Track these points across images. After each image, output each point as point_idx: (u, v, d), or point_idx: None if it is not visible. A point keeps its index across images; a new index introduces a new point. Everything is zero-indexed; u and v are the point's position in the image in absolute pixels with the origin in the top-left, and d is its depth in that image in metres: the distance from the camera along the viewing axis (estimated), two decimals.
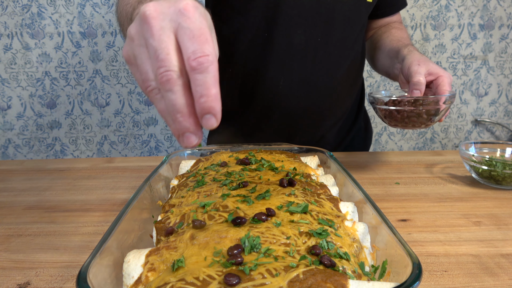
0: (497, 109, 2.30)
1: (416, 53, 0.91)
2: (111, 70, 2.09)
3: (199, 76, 0.38)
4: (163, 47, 0.39)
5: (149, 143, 2.22)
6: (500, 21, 2.17)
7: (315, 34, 0.97)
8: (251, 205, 0.53)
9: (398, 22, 1.17)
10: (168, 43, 0.39)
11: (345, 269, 0.42)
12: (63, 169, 1.00)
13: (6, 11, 1.99)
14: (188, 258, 0.43)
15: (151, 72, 0.40)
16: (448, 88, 0.84)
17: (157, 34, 0.39)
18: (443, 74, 0.84)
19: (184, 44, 0.39)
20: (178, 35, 0.39)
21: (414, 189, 0.85)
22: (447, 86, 0.83)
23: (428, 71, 0.84)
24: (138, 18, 0.41)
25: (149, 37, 0.39)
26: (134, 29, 0.41)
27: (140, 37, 0.40)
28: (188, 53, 0.38)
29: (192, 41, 0.38)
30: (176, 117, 0.39)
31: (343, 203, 0.59)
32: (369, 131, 1.27)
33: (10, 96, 2.10)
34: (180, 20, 0.39)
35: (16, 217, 0.74)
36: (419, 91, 0.82)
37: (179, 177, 0.71)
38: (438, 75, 0.84)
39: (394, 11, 1.16)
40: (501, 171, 0.82)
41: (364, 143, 1.25)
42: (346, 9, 0.98)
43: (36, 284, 0.53)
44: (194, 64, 0.38)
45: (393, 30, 1.10)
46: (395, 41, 1.03)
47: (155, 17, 0.39)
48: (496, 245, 0.62)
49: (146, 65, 0.40)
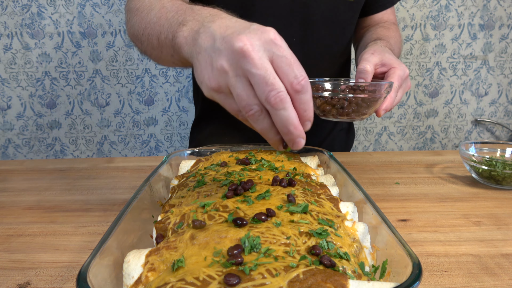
0: (497, 109, 2.30)
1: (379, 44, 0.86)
2: (111, 70, 2.09)
3: (302, 96, 0.46)
4: (269, 74, 0.45)
5: (149, 143, 2.22)
6: (500, 21, 2.17)
7: (290, 34, 0.94)
8: (251, 205, 0.53)
9: (390, 23, 1.13)
10: (271, 70, 0.45)
11: (345, 269, 0.42)
12: (63, 169, 1.00)
13: (6, 11, 1.99)
14: (188, 258, 0.43)
15: (253, 97, 0.46)
16: (397, 80, 0.75)
17: (259, 63, 0.45)
18: (396, 66, 0.78)
19: (283, 70, 0.46)
20: (274, 63, 0.46)
21: (414, 189, 0.85)
22: (395, 78, 0.76)
23: (381, 61, 0.78)
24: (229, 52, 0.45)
25: (251, 68, 0.44)
26: (227, 62, 0.46)
27: (236, 68, 0.46)
28: (290, 78, 0.45)
29: (291, 68, 0.46)
30: (289, 129, 0.46)
31: (343, 203, 0.59)
32: (351, 132, 1.25)
33: (10, 96, 2.10)
34: (274, 50, 0.46)
35: (16, 217, 0.74)
36: (363, 80, 0.76)
37: (179, 177, 0.71)
38: (391, 66, 0.78)
39: (381, 8, 1.11)
40: (501, 171, 0.82)
41: (345, 145, 1.23)
42: (323, 8, 0.96)
43: (36, 284, 0.53)
44: (299, 88, 0.46)
45: (379, 29, 1.06)
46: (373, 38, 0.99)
47: (253, 50, 0.45)
48: (496, 245, 0.62)
49: (247, 91, 0.46)
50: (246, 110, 0.47)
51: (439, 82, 2.24)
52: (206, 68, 0.48)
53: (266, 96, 0.45)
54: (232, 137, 1.08)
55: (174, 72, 2.12)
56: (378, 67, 0.79)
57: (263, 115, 0.47)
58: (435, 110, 2.29)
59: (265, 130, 0.49)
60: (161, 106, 2.16)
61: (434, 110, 2.29)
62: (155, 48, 0.66)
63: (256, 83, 0.45)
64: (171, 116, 2.18)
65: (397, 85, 0.77)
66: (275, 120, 0.47)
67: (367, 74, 0.76)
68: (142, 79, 2.12)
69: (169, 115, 2.18)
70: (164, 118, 2.18)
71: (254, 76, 0.45)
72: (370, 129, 2.30)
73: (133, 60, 2.08)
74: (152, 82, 2.12)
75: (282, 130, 0.47)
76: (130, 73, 2.10)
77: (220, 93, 0.49)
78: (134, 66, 2.09)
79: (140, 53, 0.77)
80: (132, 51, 2.07)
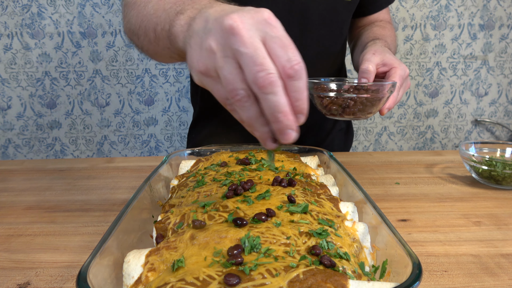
0: (497, 109, 2.30)
1: (378, 44, 0.87)
2: (111, 70, 2.09)
3: (296, 82, 0.41)
4: (258, 53, 0.40)
5: (149, 143, 2.22)
6: (500, 21, 2.17)
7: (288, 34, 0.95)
8: (251, 205, 0.53)
9: (385, 21, 1.14)
10: (262, 49, 0.41)
11: (345, 269, 0.42)
12: (63, 169, 1.00)
13: (6, 11, 1.99)
14: (188, 258, 0.43)
15: (240, 81, 0.41)
16: (398, 79, 0.78)
17: (249, 41, 0.40)
18: (397, 65, 0.79)
19: (275, 52, 0.41)
20: (267, 43, 0.41)
21: (414, 189, 0.85)
22: (397, 77, 0.78)
23: (382, 61, 0.80)
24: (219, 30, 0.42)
25: (239, 46, 0.40)
26: (215, 42, 0.42)
27: (225, 48, 0.41)
28: (283, 61, 0.41)
29: (284, 50, 0.41)
30: (277, 116, 0.41)
31: (343, 203, 0.59)
32: (350, 133, 1.25)
33: (10, 96, 2.10)
34: (267, 30, 0.41)
35: (16, 217, 0.74)
36: (366, 79, 0.77)
37: (179, 177, 0.71)
38: (392, 66, 0.80)
39: (377, 8, 1.12)
40: (501, 171, 0.82)
41: (344, 145, 1.23)
42: (321, 8, 0.96)
43: (36, 284, 0.53)
44: (291, 72, 0.41)
45: (375, 28, 1.07)
46: (371, 37, 0.99)
47: (243, 28, 0.40)
48: (496, 245, 0.62)
49: (234, 74, 0.42)
50: (232, 95, 0.42)
51: (439, 82, 2.24)
52: (195, 51, 0.45)
53: (254, 77, 0.40)
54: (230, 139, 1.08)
55: (174, 72, 2.12)
56: (379, 67, 0.80)
57: (250, 101, 0.43)
58: (435, 110, 2.29)
59: (252, 119, 0.44)
60: (161, 106, 2.16)
61: (434, 110, 2.29)
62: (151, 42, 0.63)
63: (244, 63, 0.41)
64: (171, 116, 2.18)
65: (399, 84, 0.78)
66: (264, 106, 0.42)
67: (370, 74, 0.77)
68: (142, 79, 2.12)
69: (169, 115, 2.18)
70: (164, 118, 2.18)
71: (242, 55, 0.40)
72: (370, 129, 2.30)
73: (133, 60, 2.08)
74: (152, 82, 2.12)
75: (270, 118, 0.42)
76: (130, 73, 2.10)
77: (208, 77, 0.44)
78: (134, 66, 2.09)
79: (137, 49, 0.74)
80: (132, 51, 2.07)
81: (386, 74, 0.81)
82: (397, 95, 0.79)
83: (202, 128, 1.16)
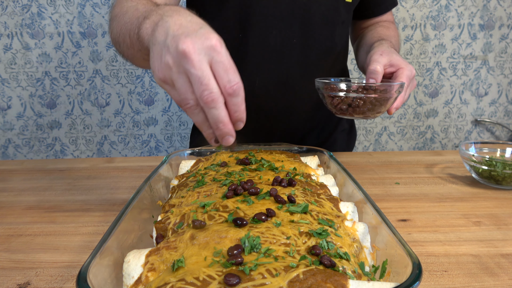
0: (497, 109, 2.30)
1: (385, 45, 0.89)
2: (111, 70, 2.09)
3: (234, 99, 0.52)
4: (204, 75, 0.50)
5: (149, 143, 2.22)
6: (500, 21, 2.17)
7: (290, 35, 0.96)
8: (251, 205, 0.53)
9: (389, 22, 1.14)
10: (208, 72, 0.51)
11: (345, 269, 0.42)
12: (63, 169, 1.00)
13: (6, 11, 1.99)
14: (188, 258, 0.43)
15: (190, 93, 0.52)
16: (405, 80, 0.79)
17: (198, 65, 0.50)
18: (404, 66, 0.81)
19: (219, 74, 0.51)
20: (213, 66, 0.51)
21: (414, 189, 0.85)
22: (404, 78, 0.80)
23: (389, 62, 0.82)
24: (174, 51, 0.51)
25: (190, 68, 0.50)
26: (172, 59, 0.52)
27: (178, 66, 0.51)
28: (224, 82, 0.51)
29: (226, 73, 0.51)
30: (218, 126, 0.52)
31: (343, 203, 0.59)
32: (353, 133, 1.25)
33: (10, 96, 2.10)
34: (214, 55, 0.51)
35: (16, 217, 0.74)
36: (374, 80, 0.79)
37: (179, 177, 0.71)
38: (399, 67, 0.81)
39: (383, 11, 1.13)
40: (501, 171, 0.82)
41: (346, 146, 1.23)
42: (323, 9, 0.97)
43: (36, 284, 0.53)
44: (230, 91, 0.51)
45: (379, 28, 1.08)
46: (376, 37, 1.01)
47: (194, 52, 0.50)
48: (496, 245, 0.62)
49: (185, 87, 0.52)
50: (183, 103, 0.53)
51: (439, 82, 2.24)
52: (157, 60, 0.54)
53: (200, 94, 0.51)
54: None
55: None
56: (387, 68, 0.82)
57: (198, 110, 0.53)
58: (435, 110, 2.29)
59: (199, 123, 0.55)
60: (161, 106, 2.16)
61: (434, 110, 2.29)
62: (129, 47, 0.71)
63: (193, 82, 0.51)
64: (171, 116, 2.18)
65: (406, 84, 0.80)
66: (208, 116, 0.52)
67: (378, 74, 0.79)
68: (142, 79, 2.12)
69: (169, 115, 2.18)
70: (164, 118, 2.18)
71: (192, 75, 0.50)
72: (370, 129, 2.30)
73: None
74: (152, 82, 2.12)
75: (213, 126, 0.53)
76: (130, 73, 2.10)
77: (166, 84, 0.54)
78: (134, 66, 2.09)
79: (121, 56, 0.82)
80: None
81: (393, 74, 0.83)
82: (404, 95, 0.81)
83: None
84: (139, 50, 0.67)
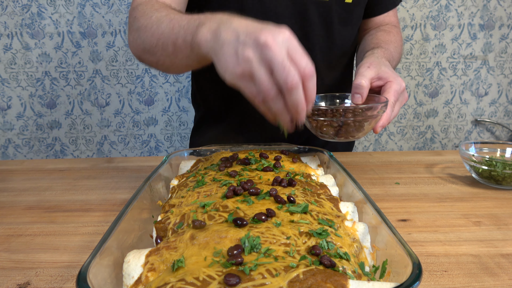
0: (497, 109, 2.31)
1: (376, 55, 0.85)
2: (111, 70, 2.09)
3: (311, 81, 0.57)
4: (286, 62, 0.54)
5: (149, 143, 2.22)
6: (500, 21, 2.17)
7: None
8: (251, 205, 0.53)
9: (391, 25, 1.12)
10: (288, 60, 0.55)
11: (345, 269, 0.42)
12: (63, 169, 1.00)
13: (6, 11, 1.99)
14: (188, 258, 0.43)
15: (272, 83, 0.56)
16: (392, 95, 0.75)
17: (280, 53, 0.54)
18: (392, 80, 0.77)
19: (297, 60, 0.56)
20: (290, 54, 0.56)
21: (414, 189, 0.85)
22: (391, 93, 0.75)
23: (377, 75, 0.78)
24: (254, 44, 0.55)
25: (273, 56, 0.54)
26: (252, 52, 0.55)
27: (260, 57, 0.55)
28: (303, 66, 0.56)
29: (302, 58, 0.56)
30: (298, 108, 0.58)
31: (343, 203, 0.59)
32: None
33: (10, 96, 2.10)
34: (289, 44, 0.56)
35: (16, 217, 0.74)
36: (359, 95, 0.75)
37: (179, 177, 0.71)
38: (387, 80, 0.77)
39: (383, 10, 1.10)
40: (501, 171, 0.82)
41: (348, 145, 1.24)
42: (321, 11, 0.96)
43: (36, 284, 0.53)
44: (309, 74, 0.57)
45: (380, 32, 1.05)
46: (372, 44, 0.98)
47: (274, 43, 0.54)
48: (496, 245, 0.62)
49: (266, 77, 0.55)
50: (266, 93, 0.56)
51: (439, 82, 2.24)
52: (231, 57, 0.56)
53: (284, 79, 0.54)
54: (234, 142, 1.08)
55: None
56: (374, 81, 0.78)
57: (279, 98, 0.57)
58: (435, 110, 2.29)
59: (279, 110, 0.59)
60: (161, 106, 2.16)
61: (434, 110, 2.29)
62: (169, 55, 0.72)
63: (277, 69, 0.54)
64: (171, 116, 2.18)
65: (393, 100, 0.76)
66: (288, 101, 0.57)
67: (363, 89, 0.75)
68: (142, 79, 2.12)
69: (169, 115, 2.18)
70: (164, 118, 2.18)
71: (275, 63, 0.54)
72: None
73: (133, 60, 2.08)
74: (152, 82, 2.12)
75: (292, 109, 0.58)
76: (130, 73, 2.10)
77: (243, 79, 0.57)
78: (134, 66, 2.09)
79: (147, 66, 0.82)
80: None
81: (381, 88, 0.79)
82: (391, 112, 0.77)
83: (206, 131, 1.16)
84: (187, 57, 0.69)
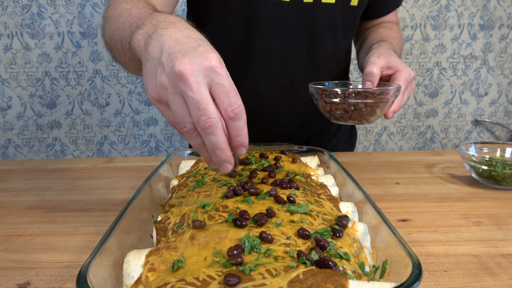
0: (497, 109, 2.31)
1: (384, 46, 0.87)
2: (111, 70, 2.09)
3: (236, 122, 0.49)
4: (202, 99, 0.47)
5: (149, 143, 2.22)
6: (500, 21, 2.17)
7: (295, 40, 0.96)
8: (251, 205, 0.53)
9: (392, 23, 1.13)
10: (206, 95, 0.47)
11: (345, 269, 0.42)
12: (63, 169, 1.00)
13: (6, 11, 1.99)
14: (188, 258, 0.43)
15: (188, 116, 0.48)
16: (403, 83, 0.77)
17: (195, 88, 0.46)
18: (402, 68, 0.79)
19: (219, 98, 0.48)
20: (212, 89, 0.48)
21: (414, 189, 0.85)
22: (402, 80, 0.77)
23: (387, 64, 0.79)
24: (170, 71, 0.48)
25: (187, 91, 0.47)
26: (167, 80, 0.48)
27: (174, 88, 0.48)
28: (225, 105, 0.48)
29: (227, 96, 0.48)
30: (216, 152, 0.49)
31: (343, 203, 0.59)
32: (353, 135, 1.25)
33: (10, 96, 2.10)
34: (213, 77, 0.48)
35: (16, 217, 0.74)
36: (370, 82, 0.76)
37: (179, 177, 0.71)
38: (397, 69, 0.79)
39: (385, 12, 1.12)
40: (501, 171, 0.82)
41: (348, 146, 1.24)
42: (328, 14, 0.96)
43: (36, 284, 0.53)
44: (232, 115, 0.48)
45: (381, 29, 1.07)
46: (376, 39, 0.99)
47: (191, 74, 0.47)
48: (496, 245, 0.62)
49: (181, 110, 0.48)
50: (180, 126, 0.50)
51: (439, 82, 2.24)
52: (151, 77, 0.50)
53: (197, 119, 0.47)
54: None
55: None
56: (384, 70, 0.80)
57: (196, 134, 0.50)
58: (435, 110, 2.29)
59: (197, 147, 0.52)
60: None
61: (434, 110, 2.29)
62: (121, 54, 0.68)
63: (190, 106, 0.47)
64: None
65: (404, 87, 0.78)
66: (205, 142, 0.49)
67: (374, 77, 0.77)
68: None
69: None
70: (164, 118, 2.18)
71: (189, 98, 0.47)
72: (370, 129, 2.30)
73: None
74: None
75: (210, 152, 0.50)
76: (130, 73, 2.10)
77: (160, 104, 0.51)
78: None
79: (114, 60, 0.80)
80: None
81: (391, 77, 0.81)
82: (402, 99, 0.79)
83: None
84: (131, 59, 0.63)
